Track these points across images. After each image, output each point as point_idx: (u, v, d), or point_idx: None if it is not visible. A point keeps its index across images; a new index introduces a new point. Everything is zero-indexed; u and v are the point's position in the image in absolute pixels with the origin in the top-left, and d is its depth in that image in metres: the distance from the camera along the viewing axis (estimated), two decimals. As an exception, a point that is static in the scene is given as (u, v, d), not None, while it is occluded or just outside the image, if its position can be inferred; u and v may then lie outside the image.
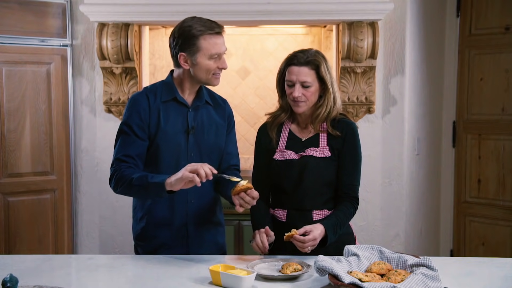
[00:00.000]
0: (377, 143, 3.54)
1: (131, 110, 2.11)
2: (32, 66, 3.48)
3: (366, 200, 3.56)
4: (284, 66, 2.14)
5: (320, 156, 2.11)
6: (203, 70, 2.06)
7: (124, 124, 2.11)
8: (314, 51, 2.12)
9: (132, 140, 2.09)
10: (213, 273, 1.74)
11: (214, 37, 2.03)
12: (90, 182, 3.67)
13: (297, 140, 2.16)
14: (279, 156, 2.15)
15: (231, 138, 2.27)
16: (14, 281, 1.45)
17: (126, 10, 3.34)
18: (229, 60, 4.00)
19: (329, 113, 2.12)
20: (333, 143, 2.12)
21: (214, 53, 2.03)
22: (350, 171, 2.14)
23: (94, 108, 3.63)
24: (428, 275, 1.62)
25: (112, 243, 3.65)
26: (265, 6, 3.32)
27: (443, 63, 3.92)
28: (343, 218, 2.07)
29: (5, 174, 3.44)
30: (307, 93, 2.07)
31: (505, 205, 3.68)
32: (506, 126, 3.66)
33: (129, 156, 2.07)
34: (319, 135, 2.14)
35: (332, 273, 1.65)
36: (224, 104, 2.26)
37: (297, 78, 2.06)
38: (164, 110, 2.11)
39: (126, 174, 2.03)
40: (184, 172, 1.87)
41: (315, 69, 2.07)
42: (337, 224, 2.03)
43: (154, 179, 1.96)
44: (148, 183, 1.96)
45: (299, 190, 2.11)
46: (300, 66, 2.07)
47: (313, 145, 2.13)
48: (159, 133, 2.10)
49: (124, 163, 2.07)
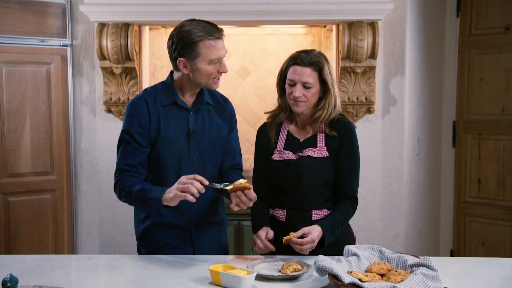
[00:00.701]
0: (377, 143, 3.54)
1: (131, 117, 2.10)
2: (32, 66, 3.48)
3: (366, 200, 3.56)
4: (286, 65, 2.13)
5: (317, 156, 2.11)
6: (203, 75, 2.04)
7: (125, 132, 2.10)
8: (318, 53, 2.11)
9: (133, 148, 2.08)
10: (213, 273, 1.74)
11: (214, 42, 2.00)
12: (90, 182, 3.67)
13: (295, 141, 2.16)
14: (277, 157, 2.15)
15: (233, 137, 2.26)
16: (14, 281, 1.44)
17: (126, 10, 3.34)
18: (229, 60, 4.02)
19: (329, 115, 2.12)
20: (331, 143, 2.13)
21: (214, 58, 2.02)
22: (348, 171, 2.14)
23: (94, 108, 3.62)
24: (428, 275, 1.62)
25: (112, 243, 3.65)
26: (265, 6, 3.32)
27: (443, 63, 3.92)
28: (341, 218, 2.07)
29: (5, 174, 3.44)
30: (307, 94, 2.07)
31: (505, 205, 3.68)
32: (506, 126, 3.66)
33: (131, 165, 2.07)
34: (316, 136, 2.14)
35: (332, 273, 1.65)
36: (225, 104, 2.25)
37: (299, 78, 2.06)
38: (164, 115, 2.10)
39: (127, 185, 2.03)
40: (176, 192, 1.86)
41: (317, 71, 2.07)
42: (334, 225, 2.03)
43: (152, 193, 1.96)
44: (146, 198, 1.97)
45: (298, 190, 2.11)
46: (303, 66, 2.06)
47: (311, 146, 2.13)
48: (160, 138, 2.09)
49: (126, 173, 2.07)
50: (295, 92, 2.06)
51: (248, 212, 2.18)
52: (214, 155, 2.18)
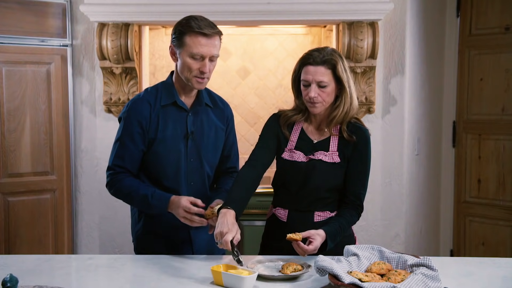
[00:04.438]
0: (377, 143, 3.54)
1: (132, 118, 2.10)
2: (32, 66, 3.48)
3: (366, 200, 3.49)
4: (299, 65, 2.07)
5: (329, 161, 2.06)
6: (184, 67, 2.05)
7: (124, 130, 2.11)
8: (331, 50, 2.05)
9: (130, 147, 2.10)
10: (214, 273, 1.74)
11: (200, 37, 2.00)
12: (90, 182, 3.67)
13: (308, 141, 2.11)
14: (287, 156, 2.11)
15: (230, 139, 2.27)
16: (14, 281, 1.44)
17: (126, 10, 3.34)
18: (229, 60, 4.03)
19: (346, 114, 2.05)
20: (344, 149, 2.07)
21: (196, 53, 2.00)
22: (358, 178, 2.09)
23: (94, 108, 3.62)
24: (428, 275, 1.62)
25: (112, 243, 3.65)
26: (265, 6, 3.32)
27: (443, 63, 3.92)
28: (346, 226, 2.03)
29: (5, 174, 3.44)
30: (323, 94, 2.00)
31: (505, 205, 3.68)
32: (506, 126, 3.66)
33: (124, 164, 2.11)
34: (330, 139, 2.09)
35: (332, 273, 1.65)
36: (223, 107, 2.25)
37: (313, 78, 2.00)
38: (164, 116, 2.10)
39: (125, 185, 2.09)
40: (180, 218, 2.01)
41: (331, 69, 2.00)
42: (338, 233, 1.98)
43: (154, 200, 2.05)
44: (150, 205, 2.06)
45: (303, 193, 2.08)
46: (316, 65, 2.00)
47: (323, 149, 2.07)
48: (158, 139, 2.09)
49: (120, 170, 2.11)
50: (310, 92, 2.00)
51: (248, 212, 2.17)
52: (212, 156, 2.19)
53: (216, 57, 2.06)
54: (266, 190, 3.09)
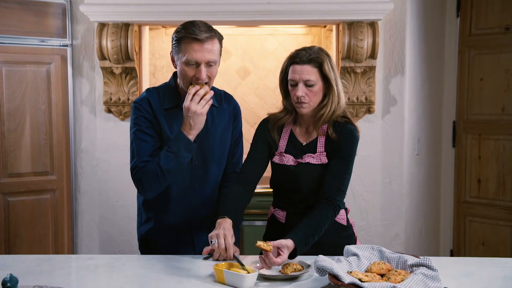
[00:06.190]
0: (377, 143, 3.54)
1: (138, 116, 2.08)
2: (32, 66, 3.48)
3: (366, 200, 3.56)
4: (286, 65, 2.06)
5: (317, 163, 2.04)
6: (181, 74, 2.02)
7: (135, 129, 2.08)
8: (317, 48, 2.03)
9: (145, 141, 2.06)
10: (217, 271, 1.75)
11: (194, 43, 1.95)
12: (90, 182, 3.67)
13: (297, 144, 2.10)
14: (277, 160, 2.11)
15: (237, 132, 2.23)
16: (14, 281, 1.44)
17: (126, 10, 3.34)
18: (229, 60, 4.03)
19: (333, 112, 2.03)
20: (330, 148, 2.05)
21: (190, 59, 1.96)
22: (337, 175, 2.01)
23: (94, 108, 3.62)
24: (428, 275, 1.62)
25: (112, 243, 3.65)
26: (265, 6, 3.32)
27: (443, 63, 3.92)
28: (316, 226, 1.93)
29: (5, 174, 3.44)
30: (310, 93, 1.99)
31: (505, 205, 3.68)
32: (506, 126, 3.66)
33: (145, 159, 2.04)
34: (317, 139, 2.07)
35: (332, 273, 1.65)
36: (228, 101, 2.24)
37: (300, 77, 1.98)
38: (167, 119, 2.09)
39: (150, 168, 1.99)
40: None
41: (318, 67, 1.99)
42: (309, 234, 1.91)
43: (174, 144, 1.96)
44: (175, 154, 1.96)
45: (297, 196, 2.08)
46: (302, 64, 1.99)
47: (311, 151, 2.06)
48: (163, 142, 2.07)
49: (142, 165, 2.03)
50: (298, 91, 1.99)
51: (248, 212, 2.18)
52: (218, 157, 2.17)
53: (214, 62, 2.00)
54: (266, 190, 3.08)
